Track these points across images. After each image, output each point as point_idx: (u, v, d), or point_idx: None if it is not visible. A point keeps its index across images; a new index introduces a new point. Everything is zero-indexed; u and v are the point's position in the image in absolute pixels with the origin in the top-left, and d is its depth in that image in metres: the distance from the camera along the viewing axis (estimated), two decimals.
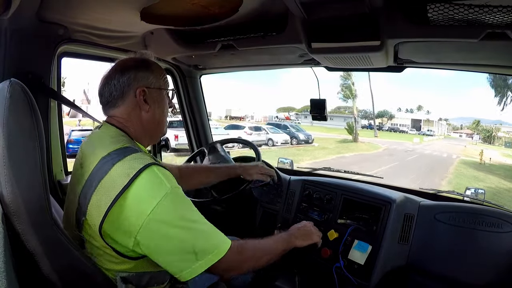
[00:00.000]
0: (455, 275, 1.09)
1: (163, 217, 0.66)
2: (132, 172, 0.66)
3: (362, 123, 36.76)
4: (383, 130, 37.24)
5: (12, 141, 0.60)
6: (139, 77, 0.80)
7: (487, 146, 25.95)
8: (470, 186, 1.40)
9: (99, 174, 0.68)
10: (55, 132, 1.24)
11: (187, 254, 0.68)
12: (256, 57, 1.44)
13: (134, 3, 0.96)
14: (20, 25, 0.96)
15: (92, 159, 0.71)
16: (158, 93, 0.83)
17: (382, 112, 42.87)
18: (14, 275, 0.54)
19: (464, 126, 45.87)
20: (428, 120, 40.54)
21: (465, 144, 26.44)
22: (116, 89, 0.79)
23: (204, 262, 0.69)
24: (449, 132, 43.02)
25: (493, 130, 32.53)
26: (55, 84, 1.19)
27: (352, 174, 1.67)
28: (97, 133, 0.80)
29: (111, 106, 0.80)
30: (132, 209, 0.66)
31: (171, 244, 0.68)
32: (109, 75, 0.80)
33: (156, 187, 0.67)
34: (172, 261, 0.69)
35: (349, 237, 1.22)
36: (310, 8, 0.91)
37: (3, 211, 0.61)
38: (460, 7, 0.78)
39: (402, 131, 38.11)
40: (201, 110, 1.87)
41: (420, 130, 38.25)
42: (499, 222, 1.07)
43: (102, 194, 0.67)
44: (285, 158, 1.89)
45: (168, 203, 0.67)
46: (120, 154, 0.70)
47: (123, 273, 0.72)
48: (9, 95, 0.61)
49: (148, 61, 0.85)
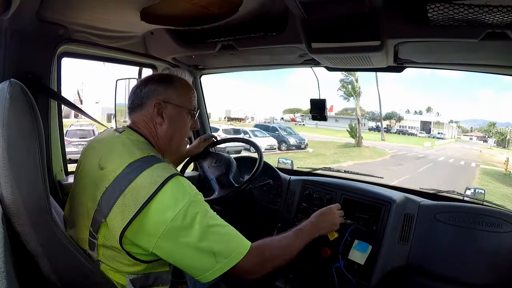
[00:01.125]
0: (455, 275, 1.09)
1: (185, 222, 0.69)
2: (160, 180, 0.69)
3: (370, 125, 35.90)
4: (391, 132, 36.23)
5: (12, 142, 0.60)
6: (160, 90, 0.84)
7: (502, 150, 24.96)
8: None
9: (126, 179, 0.69)
10: (55, 132, 1.24)
11: (207, 257, 0.70)
12: (256, 57, 1.44)
13: (134, 3, 0.96)
14: (20, 25, 0.95)
15: (118, 163, 0.72)
16: (176, 110, 0.85)
17: (390, 113, 41.84)
18: (14, 276, 0.54)
19: (474, 129, 45.40)
20: (438, 122, 39.76)
21: (479, 148, 25.40)
22: (138, 98, 0.84)
23: (224, 265, 0.71)
24: (459, 135, 42.30)
25: (508, 132, 31.43)
26: (55, 84, 1.19)
27: (352, 174, 1.67)
28: (118, 137, 0.81)
29: (133, 112, 0.85)
30: (157, 214, 0.68)
31: (191, 249, 0.70)
32: (137, 85, 0.86)
33: (180, 195, 0.70)
34: (193, 265, 0.71)
35: (349, 237, 1.21)
36: (310, 8, 0.91)
37: (3, 211, 0.61)
38: (460, 7, 0.78)
39: (411, 133, 37.15)
40: (201, 110, 1.87)
41: (430, 132, 37.39)
42: (499, 222, 1.07)
43: (129, 199, 0.68)
44: (285, 158, 1.89)
45: (191, 210, 0.69)
46: (147, 162, 0.72)
47: (132, 275, 0.73)
48: (9, 95, 0.61)
49: (174, 77, 0.88)
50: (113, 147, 0.78)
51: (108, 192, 0.70)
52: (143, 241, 0.69)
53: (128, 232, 0.68)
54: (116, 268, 0.72)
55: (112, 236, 0.69)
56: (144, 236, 0.69)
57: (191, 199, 0.70)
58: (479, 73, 1.28)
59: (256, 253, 0.76)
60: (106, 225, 0.69)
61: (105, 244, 0.71)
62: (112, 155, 0.75)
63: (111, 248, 0.71)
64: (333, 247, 1.24)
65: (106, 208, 0.69)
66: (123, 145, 0.77)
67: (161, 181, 0.68)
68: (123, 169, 0.71)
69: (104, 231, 0.70)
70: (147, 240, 0.69)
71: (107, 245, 0.71)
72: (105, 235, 0.70)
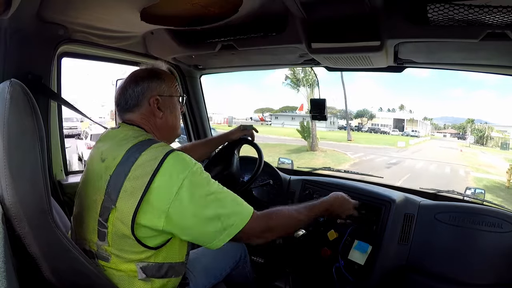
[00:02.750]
0: (455, 275, 1.10)
1: (190, 191, 0.72)
2: (160, 156, 0.72)
3: (341, 123, 34.03)
4: (362, 131, 34.69)
5: (13, 142, 0.60)
6: (152, 87, 0.86)
7: (482, 149, 23.94)
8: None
9: (129, 162, 0.73)
10: (55, 132, 1.24)
11: (214, 224, 0.73)
12: (256, 57, 1.44)
13: (134, 3, 0.96)
14: (20, 25, 0.95)
15: (118, 152, 0.76)
16: (170, 100, 0.89)
17: (361, 111, 40.12)
18: (15, 277, 0.54)
19: (447, 126, 45.04)
20: (412, 119, 38.17)
21: (458, 146, 23.90)
22: (132, 98, 0.85)
23: (231, 230, 0.75)
24: (433, 132, 41.21)
25: (485, 130, 30.64)
26: (55, 84, 1.19)
27: (352, 174, 1.67)
28: (115, 131, 0.85)
29: (128, 112, 0.86)
30: (163, 188, 0.71)
31: (198, 217, 0.72)
32: (124, 86, 0.86)
33: (181, 166, 0.73)
34: (202, 233, 0.74)
35: (349, 237, 1.22)
36: (310, 8, 0.91)
37: (3, 213, 0.61)
38: (460, 7, 0.78)
39: (383, 132, 35.52)
40: (201, 110, 1.87)
41: (404, 130, 36.03)
42: (499, 222, 1.07)
43: (134, 180, 0.71)
44: (285, 158, 1.89)
45: (193, 178, 0.73)
46: (145, 144, 0.76)
47: (142, 262, 0.75)
48: (9, 95, 0.61)
49: (160, 71, 0.91)
50: (112, 141, 0.82)
51: (113, 178, 0.73)
52: (154, 219, 0.71)
53: (139, 214, 0.70)
54: (126, 257, 0.74)
55: (123, 221, 0.71)
56: (154, 213, 0.71)
57: (191, 170, 0.73)
58: (473, 72, 1.28)
59: (260, 218, 0.80)
60: (116, 210, 0.71)
61: (116, 232, 0.72)
62: (111, 147, 0.79)
63: (121, 236, 0.72)
64: (333, 247, 1.24)
65: (114, 194, 0.71)
66: (121, 136, 0.81)
67: (161, 156, 0.72)
68: (123, 154, 0.74)
69: (113, 218, 0.72)
70: (157, 217, 0.71)
71: (117, 233, 0.72)
72: (115, 223, 0.72)
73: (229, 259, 1.16)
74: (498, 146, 26.91)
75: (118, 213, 0.71)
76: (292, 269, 1.46)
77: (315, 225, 1.34)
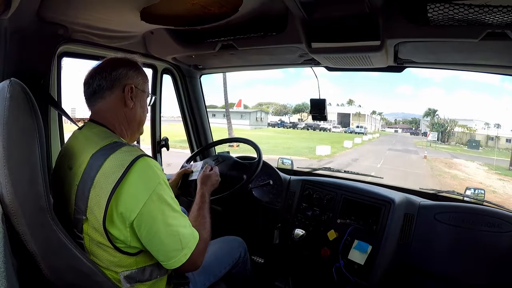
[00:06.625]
0: (455, 275, 1.10)
1: (157, 204, 0.70)
2: (126, 163, 0.69)
3: (272, 119, 30.68)
4: (298, 128, 29.99)
5: (12, 141, 0.60)
6: (130, 75, 0.84)
7: (447, 148, 20.01)
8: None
9: (93, 170, 0.69)
10: (55, 132, 1.24)
11: (175, 241, 0.72)
12: (256, 57, 1.44)
13: (134, 3, 0.96)
14: (20, 25, 0.95)
15: (82, 158, 0.73)
16: (142, 95, 0.88)
17: (300, 105, 36.85)
18: (14, 275, 0.54)
19: (398, 121, 43.81)
20: (359, 114, 34.96)
21: (422, 152, 18.26)
22: (107, 81, 0.81)
23: (187, 251, 0.74)
24: (384, 128, 39.12)
25: (448, 124, 26.14)
26: (55, 84, 1.19)
27: (352, 174, 1.67)
28: (80, 133, 0.81)
29: (98, 98, 0.82)
30: (129, 198, 0.68)
31: (161, 232, 0.71)
32: (102, 66, 0.83)
33: (149, 177, 0.71)
34: (163, 248, 0.72)
35: (349, 237, 1.22)
36: (310, 8, 0.91)
37: (3, 211, 0.61)
38: (460, 7, 0.78)
39: (323, 128, 30.93)
40: (201, 110, 1.87)
41: (349, 126, 31.68)
42: (499, 222, 1.07)
43: (99, 188, 0.68)
44: (285, 158, 1.89)
45: (161, 191, 0.71)
46: (110, 148, 0.72)
47: (125, 271, 0.73)
48: (9, 94, 0.61)
49: (139, 65, 0.90)
50: (76, 145, 0.79)
51: (80, 187, 0.70)
52: (122, 230, 0.69)
53: (107, 224, 0.68)
54: (108, 267, 0.72)
55: (95, 230, 0.69)
56: (120, 222, 0.69)
57: (159, 181, 0.71)
58: (473, 72, 1.28)
59: (201, 240, 0.79)
60: (87, 221, 0.69)
61: (92, 242, 0.71)
62: (77, 153, 0.76)
63: (98, 245, 0.71)
64: (333, 247, 1.24)
65: (83, 205, 0.69)
66: (85, 139, 0.78)
67: (127, 163, 0.69)
68: (88, 161, 0.71)
69: (87, 229, 0.70)
70: (124, 226, 0.69)
71: (93, 242, 0.71)
72: (89, 233, 0.70)
73: (229, 258, 1.16)
74: (462, 143, 22.63)
75: (90, 224, 0.69)
76: (292, 269, 1.46)
77: (315, 225, 1.35)
